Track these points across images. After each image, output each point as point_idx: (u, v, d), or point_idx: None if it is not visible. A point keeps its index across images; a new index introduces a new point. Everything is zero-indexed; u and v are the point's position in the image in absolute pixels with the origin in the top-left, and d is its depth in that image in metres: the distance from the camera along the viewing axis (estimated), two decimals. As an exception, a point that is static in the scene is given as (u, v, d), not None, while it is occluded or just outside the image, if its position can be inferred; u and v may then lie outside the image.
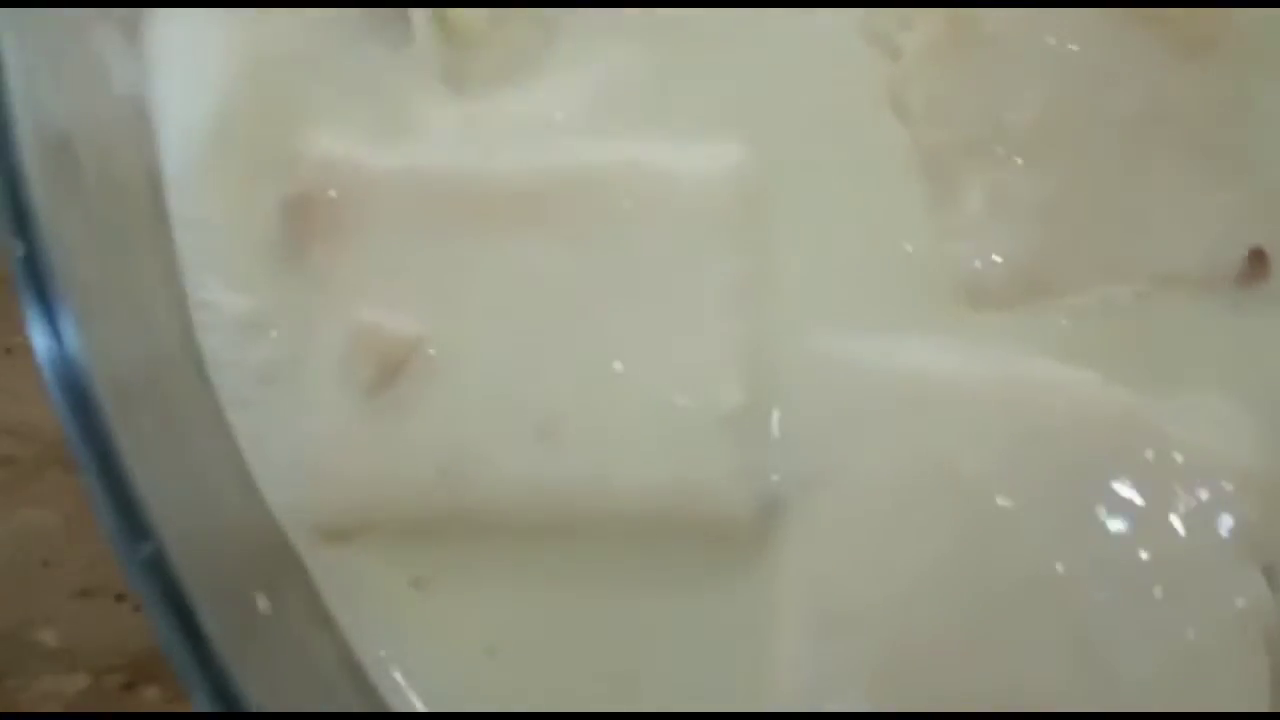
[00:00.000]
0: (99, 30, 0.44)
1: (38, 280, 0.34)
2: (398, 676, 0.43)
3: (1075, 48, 0.47)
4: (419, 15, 0.45)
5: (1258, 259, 0.45)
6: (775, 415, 0.43)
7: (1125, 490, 0.40)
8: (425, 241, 0.42)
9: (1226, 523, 0.39)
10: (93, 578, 0.52)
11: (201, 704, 0.32)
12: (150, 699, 0.51)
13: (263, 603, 0.38)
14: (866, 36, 0.49)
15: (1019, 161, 0.46)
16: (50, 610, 0.52)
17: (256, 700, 0.32)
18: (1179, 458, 0.40)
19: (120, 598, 0.52)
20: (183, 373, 0.41)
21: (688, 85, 0.47)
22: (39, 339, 0.34)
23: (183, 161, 0.44)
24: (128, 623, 0.52)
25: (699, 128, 0.46)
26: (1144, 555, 0.39)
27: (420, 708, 0.42)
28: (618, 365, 0.41)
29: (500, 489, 0.41)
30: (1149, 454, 0.41)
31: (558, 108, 0.46)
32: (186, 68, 0.46)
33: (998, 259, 0.46)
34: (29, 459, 0.53)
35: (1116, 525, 0.40)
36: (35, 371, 0.54)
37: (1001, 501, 0.40)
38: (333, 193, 0.43)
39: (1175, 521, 0.40)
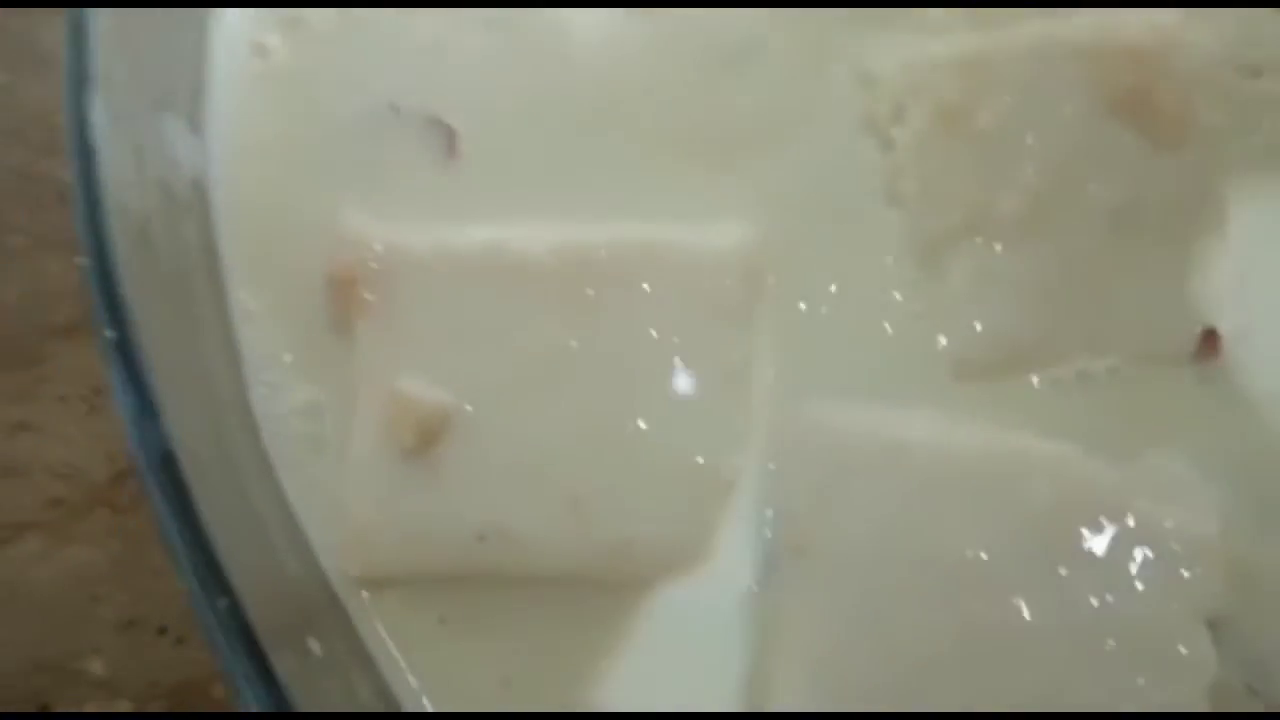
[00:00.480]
0: (169, 119, 0.48)
1: (128, 362, 0.38)
2: (426, 703, 0.47)
3: (1059, 141, 0.51)
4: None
5: (1210, 339, 0.50)
6: (771, 482, 0.47)
7: (1090, 555, 0.44)
8: (458, 316, 0.47)
9: (1178, 584, 0.44)
10: (136, 612, 0.56)
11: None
12: (190, 727, 0.55)
13: (314, 645, 0.42)
14: (863, 128, 0.53)
15: (1002, 246, 0.51)
16: (97, 642, 0.56)
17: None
18: (1141, 525, 0.45)
19: (162, 631, 0.56)
20: (243, 440, 0.45)
21: (699, 171, 0.51)
22: (128, 415, 0.38)
23: (236, 241, 0.49)
24: (168, 655, 0.56)
25: (708, 210, 0.51)
26: (1103, 612, 0.44)
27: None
28: (634, 437, 0.46)
29: (533, 554, 0.45)
30: (1114, 522, 0.45)
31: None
32: (239, 152, 0.50)
33: (981, 335, 0.50)
34: (78, 500, 0.57)
35: (1080, 585, 0.44)
36: (83, 418, 0.59)
37: (981, 567, 0.44)
38: (373, 270, 0.47)
39: (1133, 582, 0.44)
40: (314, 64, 0.52)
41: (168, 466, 0.38)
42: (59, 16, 0.67)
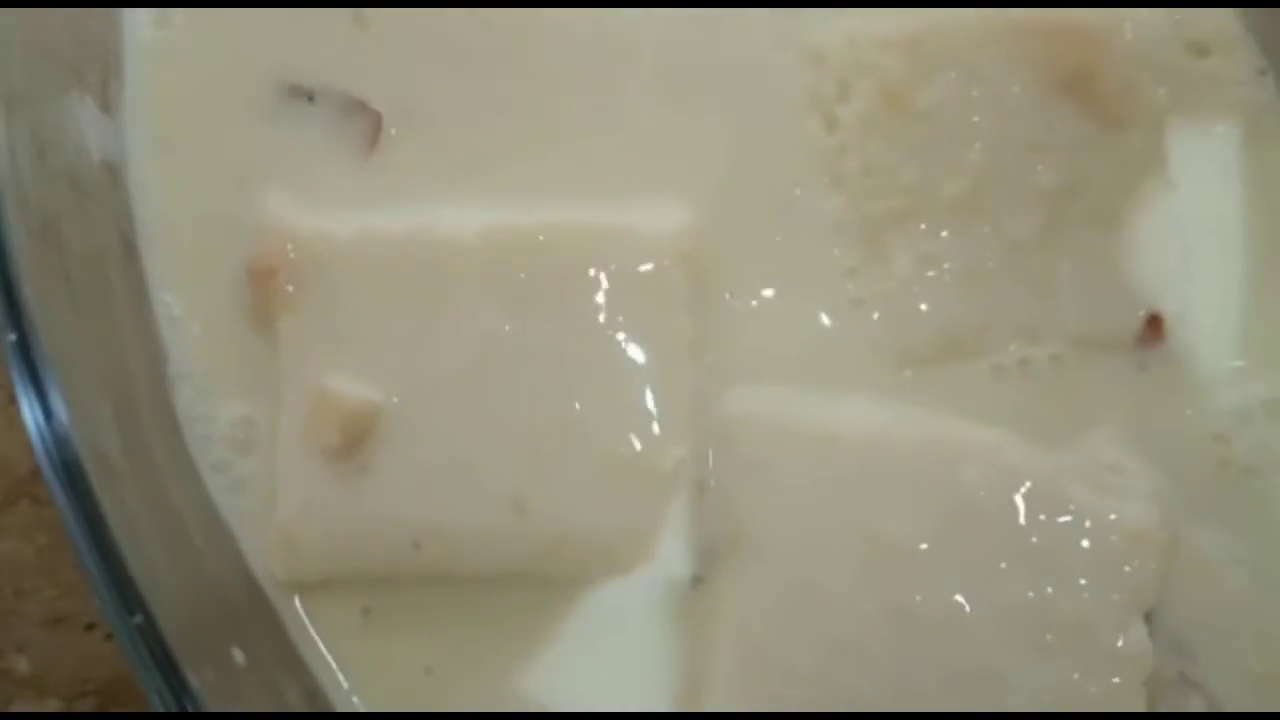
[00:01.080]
0: (76, 99, 0.46)
1: (30, 365, 0.36)
2: (357, 703, 0.46)
3: (1003, 121, 0.50)
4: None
5: (1154, 324, 0.50)
6: (710, 469, 0.46)
7: (1030, 546, 0.44)
8: (384, 307, 0.45)
9: (1118, 577, 0.44)
10: (63, 607, 0.54)
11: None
12: (121, 724, 0.54)
13: (239, 655, 0.41)
14: (808, 106, 0.52)
15: (946, 230, 0.50)
16: (22, 638, 0.54)
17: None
18: (1081, 516, 0.44)
19: (90, 626, 0.54)
20: (162, 440, 0.43)
21: (635, 149, 0.50)
22: (31, 418, 0.36)
23: (153, 228, 0.46)
24: (98, 650, 0.54)
25: (645, 190, 0.49)
26: (1041, 605, 0.43)
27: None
28: (572, 430, 0.44)
29: (470, 556, 0.44)
30: (1054, 513, 0.45)
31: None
32: (156, 133, 0.48)
33: (923, 321, 0.49)
34: (-1, 493, 0.55)
35: (1019, 576, 0.44)
36: (2, 407, 0.56)
37: (917, 556, 0.44)
38: (293, 260, 0.45)
39: (1072, 574, 0.44)
40: (226, 40, 0.49)
41: (73, 476, 0.36)
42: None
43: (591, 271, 0.46)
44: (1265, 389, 0.49)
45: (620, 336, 0.46)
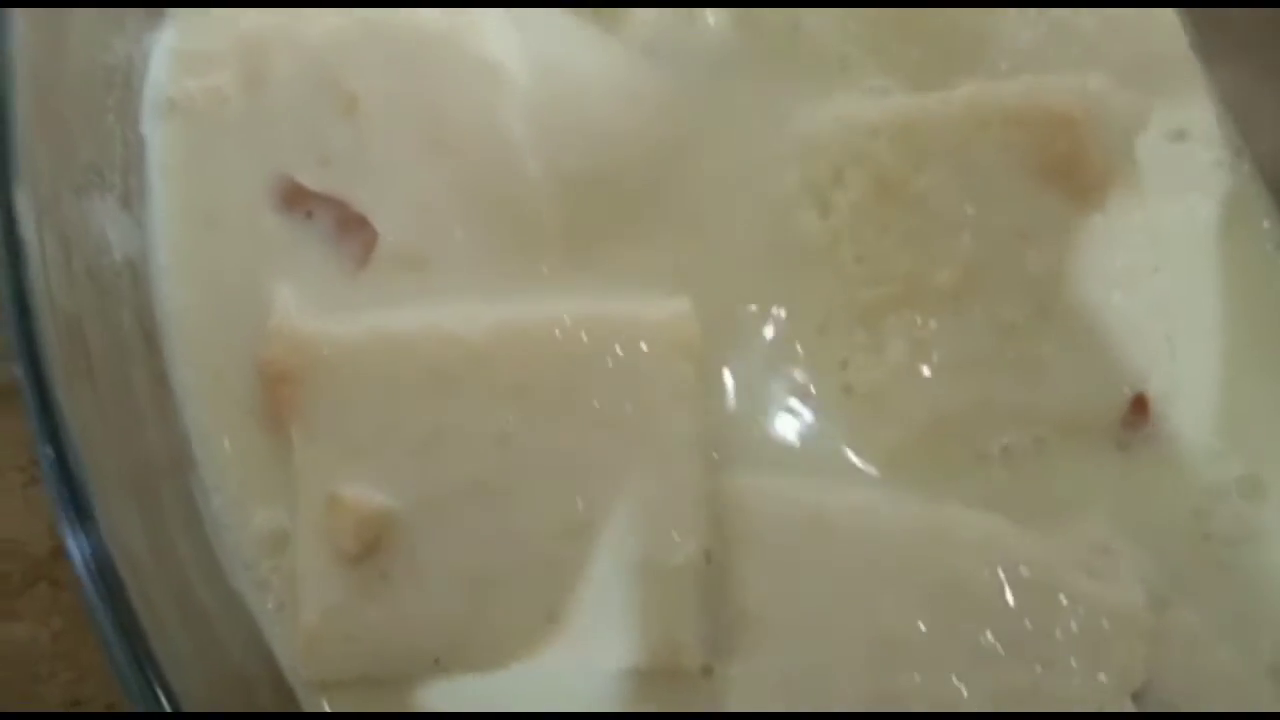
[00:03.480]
0: (98, 199, 0.47)
1: (68, 482, 0.38)
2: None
3: (993, 208, 0.52)
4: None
5: (1139, 405, 0.52)
6: (714, 557, 0.47)
7: (1023, 630, 0.46)
8: (394, 411, 0.45)
9: (1106, 659, 0.45)
10: (81, 692, 0.55)
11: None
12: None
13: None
14: (801, 193, 0.54)
15: (937, 318, 0.52)
16: (40, 724, 0.55)
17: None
18: (1072, 601, 0.46)
19: (108, 711, 0.55)
20: (188, 537, 0.45)
21: (631, 242, 0.52)
22: (71, 536, 0.37)
23: (172, 326, 0.48)
24: (116, 735, 0.55)
25: (645, 282, 0.51)
26: (1035, 687, 0.45)
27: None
28: (589, 532, 0.45)
29: (492, 674, 0.44)
30: (1045, 599, 0.46)
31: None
32: (171, 230, 0.49)
33: (915, 408, 0.51)
34: (16, 575, 0.56)
35: (1013, 660, 0.45)
36: (22, 489, 0.58)
37: (915, 641, 0.45)
38: (301, 364, 0.45)
39: (1063, 658, 0.45)
40: (235, 136, 0.51)
41: (107, 583, 0.37)
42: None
43: (597, 365, 0.47)
44: (1242, 466, 0.51)
45: (628, 431, 0.47)
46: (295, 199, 0.50)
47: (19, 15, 0.42)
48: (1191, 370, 0.53)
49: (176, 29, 0.53)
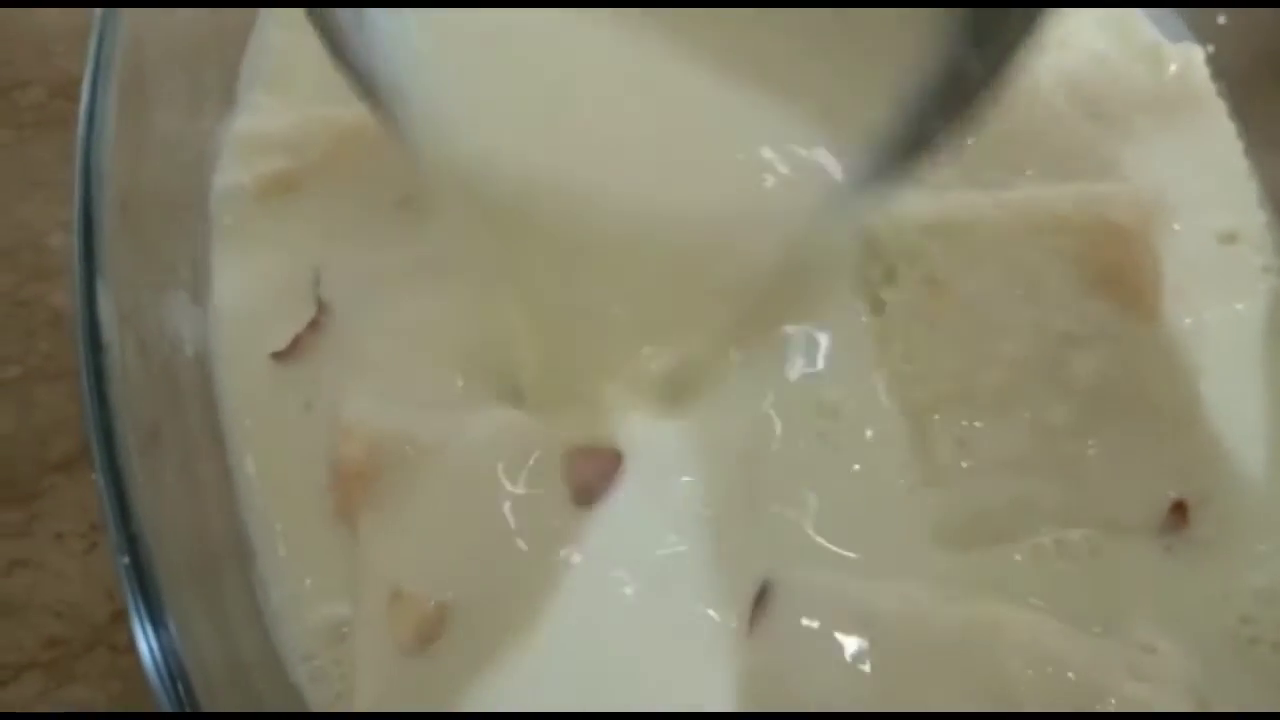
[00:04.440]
0: (172, 295, 0.49)
1: (144, 583, 0.39)
2: None
3: (1041, 313, 0.53)
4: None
5: (1179, 509, 0.52)
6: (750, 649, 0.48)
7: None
8: (462, 511, 0.46)
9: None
10: (137, 752, 0.57)
11: None
12: None
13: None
14: (855, 288, 0.55)
15: (983, 418, 0.52)
16: (92, 785, 0.57)
17: None
18: (1121, 705, 0.46)
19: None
20: (252, 634, 0.46)
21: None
22: (141, 635, 0.39)
23: (237, 422, 0.49)
24: (167, 798, 0.56)
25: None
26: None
27: None
28: (642, 633, 0.46)
29: None
30: (1091, 700, 0.46)
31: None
32: (234, 323, 0.51)
33: (960, 506, 0.52)
34: (77, 641, 0.58)
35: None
36: (81, 556, 0.59)
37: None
38: (376, 463, 0.46)
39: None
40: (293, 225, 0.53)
41: (173, 675, 0.39)
42: (50, 133, 0.67)
43: (647, 467, 0.48)
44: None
45: (679, 535, 0.48)
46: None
47: (108, 122, 0.44)
48: (1236, 474, 0.53)
49: (248, 115, 0.55)
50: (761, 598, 0.48)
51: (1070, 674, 0.48)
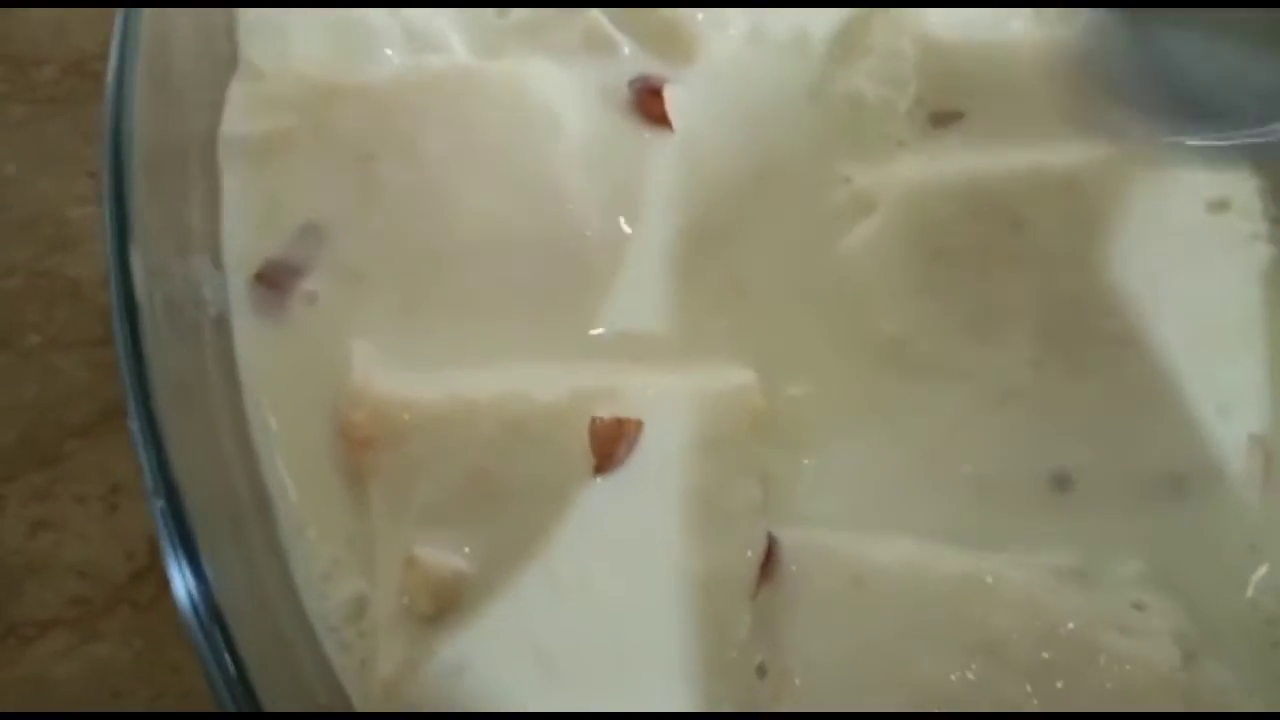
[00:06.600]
0: (196, 257, 0.50)
1: (181, 529, 0.41)
2: None
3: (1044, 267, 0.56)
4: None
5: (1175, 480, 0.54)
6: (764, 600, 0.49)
7: (1056, 688, 0.47)
8: (472, 470, 0.47)
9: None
10: (158, 708, 0.58)
11: None
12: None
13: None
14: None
15: (980, 379, 0.54)
16: (118, 739, 0.58)
17: None
18: (1106, 660, 0.48)
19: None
20: (285, 602, 0.47)
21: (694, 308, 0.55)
22: (179, 586, 0.40)
23: (259, 388, 0.50)
24: (192, 751, 0.58)
25: (702, 347, 0.54)
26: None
27: None
28: (659, 609, 0.47)
29: None
30: (1084, 656, 0.48)
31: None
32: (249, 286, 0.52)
33: (960, 462, 0.53)
34: (100, 599, 0.59)
35: (1052, 714, 0.47)
36: (102, 517, 0.61)
37: (949, 693, 0.47)
38: (382, 427, 0.47)
39: (1096, 710, 0.47)
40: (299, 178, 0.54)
41: (215, 626, 0.40)
42: (67, 109, 0.69)
43: (664, 434, 0.49)
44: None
45: (694, 502, 0.49)
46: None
47: (139, 89, 0.45)
48: (1235, 437, 0.54)
49: (249, 76, 0.56)
50: (769, 556, 0.49)
51: (1058, 631, 0.49)
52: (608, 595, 0.46)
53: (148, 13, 0.50)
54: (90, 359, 0.63)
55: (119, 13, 0.48)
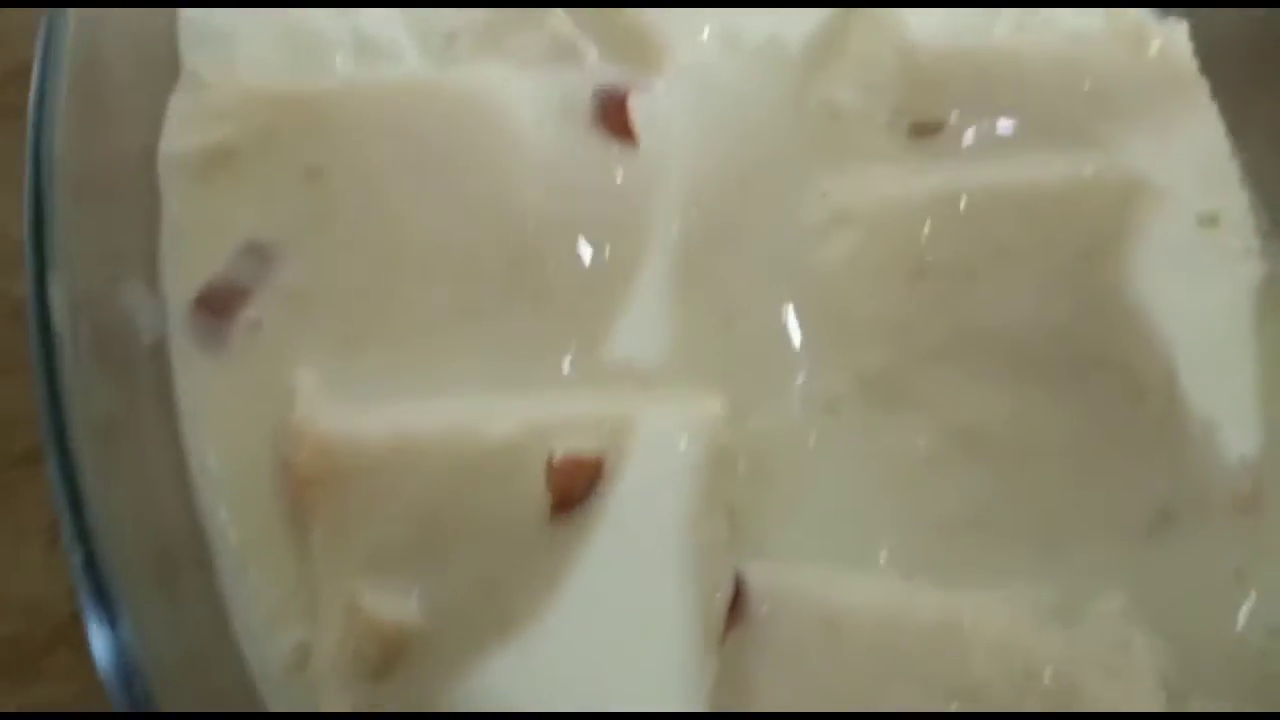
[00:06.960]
0: (127, 286, 0.47)
1: (98, 583, 0.38)
2: None
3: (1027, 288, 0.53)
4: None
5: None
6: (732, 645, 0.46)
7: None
8: (419, 516, 0.44)
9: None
10: (102, 750, 0.55)
11: None
12: None
13: None
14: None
15: (963, 405, 0.52)
16: (60, 781, 0.55)
17: None
18: (1088, 703, 0.46)
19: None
20: (222, 652, 0.44)
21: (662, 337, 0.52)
22: (98, 642, 0.38)
23: (194, 408, 0.48)
24: (132, 793, 0.55)
25: (676, 379, 0.51)
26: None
27: None
28: (625, 645, 0.45)
29: None
30: (1062, 699, 0.46)
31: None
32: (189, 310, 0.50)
33: (937, 497, 0.51)
34: (39, 638, 0.56)
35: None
36: (43, 550, 0.58)
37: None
38: (323, 466, 0.44)
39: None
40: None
41: (138, 689, 0.38)
42: (8, 122, 0.66)
43: (626, 470, 0.47)
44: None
45: (657, 539, 0.46)
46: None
47: (62, 110, 0.42)
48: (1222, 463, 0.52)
49: (191, 87, 0.53)
50: (737, 599, 0.47)
51: (1044, 677, 0.47)
52: (567, 645, 0.44)
53: (75, 15, 0.47)
54: (34, 385, 0.60)
55: (41, 15, 0.46)
